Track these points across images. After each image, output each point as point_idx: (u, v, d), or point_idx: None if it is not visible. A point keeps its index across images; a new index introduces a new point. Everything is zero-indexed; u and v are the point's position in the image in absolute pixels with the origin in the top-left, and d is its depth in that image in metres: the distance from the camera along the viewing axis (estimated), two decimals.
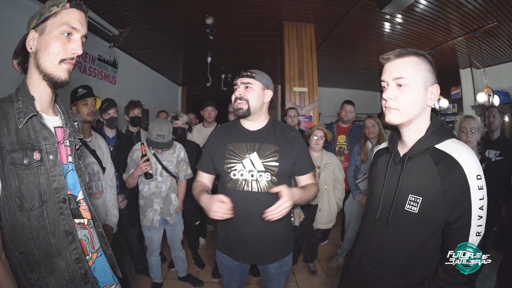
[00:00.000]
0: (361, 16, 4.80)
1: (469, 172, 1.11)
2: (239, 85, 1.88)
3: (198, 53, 6.18)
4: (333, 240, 4.68)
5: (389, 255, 1.31)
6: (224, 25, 4.92)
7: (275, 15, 4.87)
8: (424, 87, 1.21)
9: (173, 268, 3.51)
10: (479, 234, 1.13)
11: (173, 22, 4.95)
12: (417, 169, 1.23)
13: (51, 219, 1.11)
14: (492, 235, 3.24)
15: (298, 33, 5.17)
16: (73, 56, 1.15)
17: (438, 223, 1.18)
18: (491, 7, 4.38)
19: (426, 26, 5.20)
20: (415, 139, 1.26)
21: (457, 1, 4.23)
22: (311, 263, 3.78)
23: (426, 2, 4.32)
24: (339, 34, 5.64)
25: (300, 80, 5.11)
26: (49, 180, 1.12)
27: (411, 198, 1.22)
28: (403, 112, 1.22)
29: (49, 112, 1.23)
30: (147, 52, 6.58)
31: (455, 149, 1.17)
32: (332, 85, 10.14)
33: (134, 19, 4.71)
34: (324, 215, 3.39)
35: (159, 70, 8.29)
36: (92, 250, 1.30)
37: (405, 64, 1.22)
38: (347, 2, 4.36)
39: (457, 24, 5.07)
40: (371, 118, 3.52)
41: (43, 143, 1.13)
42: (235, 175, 1.85)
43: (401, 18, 4.92)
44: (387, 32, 5.54)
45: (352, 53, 6.97)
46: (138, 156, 2.88)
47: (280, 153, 1.85)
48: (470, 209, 1.11)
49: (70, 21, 1.13)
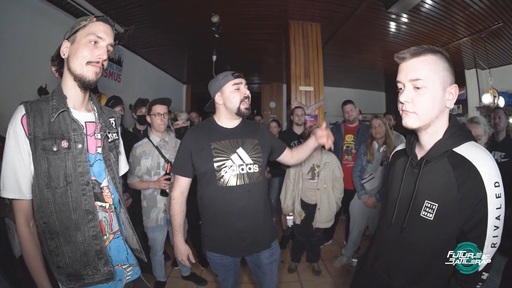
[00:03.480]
0: (367, 15, 4.80)
1: (487, 179, 1.05)
2: (243, 84, 1.99)
3: (203, 51, 6.19)
4: (338, 240, 4.69)
5: (401, 262, 1.29)
6: (229, 23, 4.93)
7: (281, 13, 4.89)
8: (442, 88, 1.15)
9: (177, 266, 3.52)
10: (494, 245, 1.08)
11: (178, 19, 4.96)
12: (434, 173, 1.19)
13: (74, 198, 1.32)
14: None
15: (304, 32, 5.19)
16: (99, 60, 1.35)
17: (453, 232, 1.13)
18: (496, 8, 4.38)
19: (431, 27, 5.20)
20: (433, 142, 1.21)
21: (463, 2, 4.22)
22: (315, 263, 3.80)
23: (432, 2, 4.31)
24: (345, 34, 5.64)
25: (306, 79, 5.12)
26: (75, 164, 1.33)
27: (427, 204, 1.17)
28: (421, 115, 1.17)
29: (82, 109, 1.44)
30: (152, 50, 6.60)
31: (473, 154, 1.11)
32: (337, 84, 10.13)
33: (138, 17, 4.73)
34: (323, 214, 3.40)
35: (164, 68, 8.31)
36: (110, 231, 1.49)
37: (421, 64, 1.15)
38: (354, 1, 4.36)
39: (463, 24, 5.06)
40: (377, 118, 3.53)
41: (72, 133, 1.34)
42: (226, 171, 1.93)
43: (407, 18, 4.92)
44: (393, 31, 5.55)
45: (357, 52, 6.95)
46: (141, 152, 2.89)
47: (260, 145, 2.05)
48: (486, 218, 1.06)
49: (96, 32, 1.34)
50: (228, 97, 1.97)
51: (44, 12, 3.91)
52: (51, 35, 3.79)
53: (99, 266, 1.36)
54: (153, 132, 3.01)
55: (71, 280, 1.34)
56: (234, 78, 1.97)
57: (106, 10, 4.28)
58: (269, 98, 10.65)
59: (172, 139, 3.11)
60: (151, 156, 2.92)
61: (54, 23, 3.98)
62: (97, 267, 1.36)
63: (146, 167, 2.91)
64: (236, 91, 1.96)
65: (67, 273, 1.33)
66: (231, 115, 2.01)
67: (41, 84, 3.68)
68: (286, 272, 3.73)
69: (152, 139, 2.98)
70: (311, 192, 3.44)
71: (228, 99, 1.97)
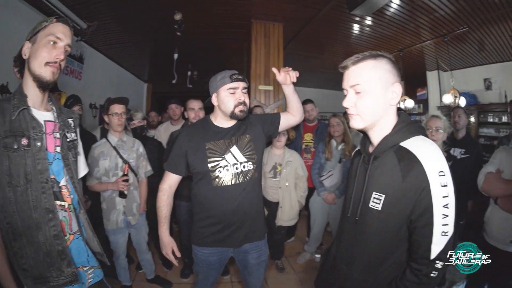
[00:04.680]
0: (331, 17, 4.92)
1: (429, 169, 1.12)
2: (240, 89, 1.96)
3: (165, 49, 6.10)
4: (300, 237, 4.82)
5: (357, 252, 1.35)
6: (192, 21, 4.90)
7: (245, 13, 4.93)
8: (383, 88, 1.23)
9: (141, 270, 3.49)
10: (445, 234, 1.13)
11: (142, 17, 4.90)
12: (382, 167, 1.26)
13: (34, 196, 1.35)
14: (459, 229, 3.46)
15: (266, 31, 5.26)
16: (56, 60, 1.40)
17: (401, 221, 1.20)
18: (463, 13, 4.57)
19: (395, 29, 5.35)
20: (381, 138, 1.29)
21: (428, 7, 4.39)
22: (279, 260, 3.88)
23: (397, 6, 4.45)
24: (308, 34, 5.76)
25: (266, 78, 5.19)
26: (34, 162, 1.36)
27: (375, 195, 1.25)
28: (364, 117, 1.27)
29: (41, 109, 1.48)
30: (114, 47, 6.47)
31: (417, 146, 1.19)
32: (299, 84, 10.05)
33: (102, 12, 4.62)
34: (285, 212, 3.50)
35: (126, 66, 8.17)
36: (70, 232, 1.51)
37: (361, 70, 1.25)
38: (318, 2, 4.45)
39: (427, 28, 5.25)
40: (336, 117, 3.67)
41: (32, 131, 1.38)
42: (221, 171, 1.96)
43: (370, 21, 5.05)
44: (356, 33, 5.69)
45: (319, 53, 7.12)
46: (99, 152, 2.86)
47: (253, 140, 2.05)
48: (432, 207, 1.12)
49: (55, 32, 1.40)
50: (223, 100, 1.96)
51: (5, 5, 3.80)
52: (12, 31, 3.69)
53: (63, 267, 1.38)
54: (111, 132, 2.98)
55: (37, 284, 1.35)
56: (232, 81, 1.93)
57: (71, 4, 4.17)
58: None
59: (130, 139, 3.12)
60: (109, 157, 2.90)
61: (16, 17, 3.87)
62: (60, 268, 1.38)
63: (104, 168, 2.89)
64: (232, 95, 1.94)
65: (32, 276, 1.35)
66: (226, 117, 2.01)
67: (3, 82, 3.62)
68: None
69: (110, 139, 2.96)
70: (273, 190, 3.52)
71: (223, 102, 1.96)
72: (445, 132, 2.67)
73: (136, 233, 3.13)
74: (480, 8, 4.35)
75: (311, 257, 4.04)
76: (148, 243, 3.28)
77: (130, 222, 3.00)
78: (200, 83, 8.59)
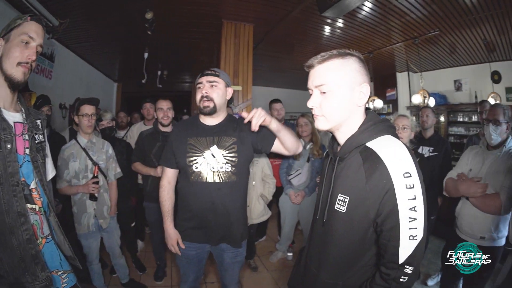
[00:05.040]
0: (302, 18, 4.98)
1: (392, 170, 1.07)
2: (204, 84, 2.01)
3: (136, 48, 6.06)
4: (271, 236, 4.89)
5: (325, 255, 1.32)
6: (163, 20, 4.89)
7: (216, 12, 4.95)
8: (350, 89, 1.19)
9: (115, 274, 3.45)
10: (413, 238, 1.07)
11: (114, 14, 4.83)
12: (347, 168, 1.22)
13: (6, 200, 1.31)
14: (431, 223, 3.66)
15: (236, 32, 5.30)
16: (28, 61, 1.38)
17: (367, 224, 1.16)
18: (435, 17, 4.72)
19: (366, 32, 5.48)
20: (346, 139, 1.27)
21: (400, 10, 4.49)
22: (251, 260, 3.93)
23: (369, 9, 4.54)
24: (278, 35, 5.82)
25: (235, 78, 5.22)
26: (5, 165, 1.32)
27: (340, 197, 1.21)
28: (329, 117, 1.23)
29: (11, 109, 1.45)
30: (85, 45, 6.34)
31: (382, 147, 1.14)
32: (268, 84, 10.41)
33: (74, 9, 4.53)
34: (254, 211, 3.53)
35: (96, 65, 8.00)
36: (42, 235, 1.49)
37: (326, 70, 1.20)
38: (289, 4, 4.49)
39: (398, 31, 5.39)
40: (304, 117, 3.74)
41: (2, 133, 1.34)
42: (197, 167, 2.02)
43: (341, 23, 5.15)
44: (327, 35, 5.78)
45: (289, 53, 7.18)
46: (69, 154, 2.81)
47: (238, 144, 2.04)
48: (397, 210, 1.06)
49: (28, 31, 1.38)
50: (196, 96, 2.06)
51: None
52: None
53: (37, 272, 1.36)
54: (80, 133, 2.94)
55: None
56: (199, 77, 2.04)
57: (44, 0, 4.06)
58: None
59: (100, 141, 3.09)
60: (78, 159, 2.85)
61: None
62: (35, 273, 1.35)
63: (74, 170, 2.83)
64: (199, 89, 2.04)
65: (8, 282, 1.32)
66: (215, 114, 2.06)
67: None
68: None
69: (79, 140, 2.91)
70: None
71: (196, 99, 2.06)
72: (412, 131, 2.73)
73: (108, 237, 3.10)
74: (453, 12, 4.47)
75: (283, 255, 4.12)
76: (120, 247, 3.25)
77: (102, 226, 2.96)
78: (170, 83, 8.62)
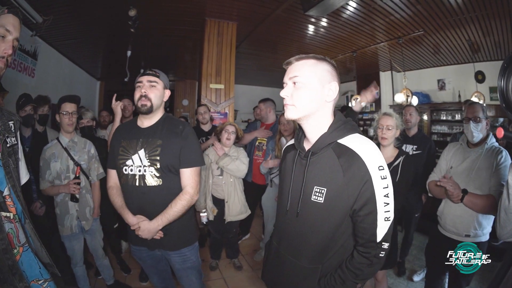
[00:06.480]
0: (285, 17, 5.03)
1: (370, 164, 1.24)
2: (144, 83, 2.03)
3: (119, 46, 6.00)
4: (255, 234, 4.95)
5: (303, 243, 1.42)
6: (147, 18, 4.87)
7: (199, 10, 4.98)
8: (320, 84, 1.33)
9: (100, 276, 3.43)
10: (387, 219, 1.28)
11: (97, 11, 4.78)
12: (320, 162, 1.35)
13: None
14: (415, 220, 3.84)
15: (219, 30, 5.32)
16: (4, 55, 1.30)
17: (345, 211, 1.30)
18: (419, 17, 4.78)
19: (350, 31, 5.55)
20: (318, 135, 1.37)
21: (385, 10, 4.55)
22: (236, 259, 3.98)
23: (353, 9, 4.58)
24: (261, 33, 5.87)
25: (217, 77, 5.28)
26: None
27: (316, 189, 1.33)
28: (299, 107, 1.34)
29: None
30: (68, 43, 6.25)
31: (356, 144, 1.30)
32: (251, 82, 10.50)
33: (58, 6, 4.46)
34: (232, 208, 3.56)
35: (79, 63, 7.91)
36: (19, 244, 1.40)
37: (302, 65, 1.35)
38: (273, 2, 4.52)
39: (382, 30, 5.47)
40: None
41: None
42: (126, 170, 2.03)
43: (325, 22, 5.20)
44: (310, 34, 5.84)
45: (273, 52, 7.24)
46: (50, 154, 2.78)
47: (162, 147, 2.00)
48: (374, 197, 1.25)
49: (5, 24, 1.29)
50: (135, 95, 2.05)
51: None
52: None
53: (15, 283, 1.28)
54: (61, 132, 2.91)
55: None
56: (140, 76, 2.06)
57: None
58: (183, 96, 10.80)
59: (81, 140, 3.05)
60: (60, 159, 2.83)
61: None
62: (13, 283, 1.27)
63: (56, 170, 2.81)
64: (138, 88, 2.03)
65: None
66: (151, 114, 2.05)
67: None
68: (208, 270, 3.86)
69: (61, 140, 2.89)
70: (219, 188, 3.58)
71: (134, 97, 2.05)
72: (397, 129, 2.78)
73: (91, 239, 3.07)
74: (438, 13, 4.54)
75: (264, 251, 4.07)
76: (104, 248, 3.22)
77: (84, 228, 2.93)
78: None
